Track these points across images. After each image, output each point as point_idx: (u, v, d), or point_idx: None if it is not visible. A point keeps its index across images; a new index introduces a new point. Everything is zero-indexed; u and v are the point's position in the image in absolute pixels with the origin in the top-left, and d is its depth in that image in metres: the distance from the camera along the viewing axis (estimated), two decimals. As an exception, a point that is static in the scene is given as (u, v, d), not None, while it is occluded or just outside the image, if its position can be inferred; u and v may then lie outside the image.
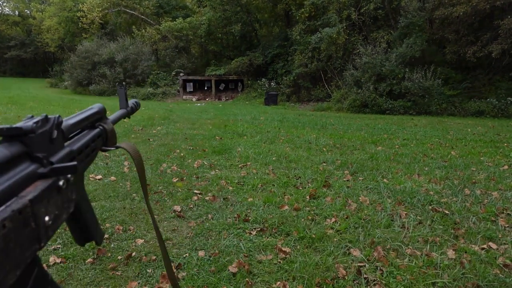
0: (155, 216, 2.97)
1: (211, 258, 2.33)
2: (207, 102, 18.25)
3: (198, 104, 16.48)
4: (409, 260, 2.35)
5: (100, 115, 0.65)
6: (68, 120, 0.53)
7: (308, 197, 3.48)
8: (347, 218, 3.01)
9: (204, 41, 20.55)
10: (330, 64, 15.48)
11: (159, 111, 11.40)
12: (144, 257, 2.33)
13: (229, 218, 2.98)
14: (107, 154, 4.81)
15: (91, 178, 3.89)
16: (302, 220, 2.94)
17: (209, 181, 3.95)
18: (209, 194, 3.53)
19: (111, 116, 0.74)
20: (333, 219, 2.96)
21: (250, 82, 18.92)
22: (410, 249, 2.49)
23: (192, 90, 19.76)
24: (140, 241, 2.54)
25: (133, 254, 2.36)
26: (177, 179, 3.98)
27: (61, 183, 0.40)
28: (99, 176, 3.96)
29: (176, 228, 2.80)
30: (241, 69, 18.34)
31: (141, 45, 21.23)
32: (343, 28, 14.69)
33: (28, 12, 44.60)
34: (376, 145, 6.17)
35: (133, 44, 21.26)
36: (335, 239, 2.62)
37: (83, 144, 0.55)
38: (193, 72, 20.91)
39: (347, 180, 4.07)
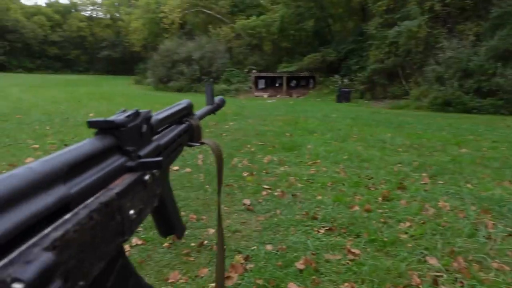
0: (226, 208, 3.09)
1: (278, 253, 2.35)
2: (278, 98, 18.37)
3: (269, 101, 16.67)
4: (496, 274, 2.13)
5: (188, 111, 0.67)
6: (157, 115, 0.54)
7: (380, 198, 3.33)
8: (423, 223, 2.82)
9: (276, 38, 20.72)
10: (409, 60, 14.58)
11: (232, 107, 11.76)
12: (214, 246, 2.43)
13: (297, 214, 2.97)
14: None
15: (169, 169, 4.16)
16: (374, 222, 2.83)
17: (278, 177, 3.99)
18: (278, 189, 3.56)
19: (198, 112, 0.75)
20: (408, 224, 2.80)
21: (322, 79, 18.63)
22: (497, 263, 2.25)
23: (263, 86, 20.09)
24: (211, 231, 2.66)
25: (205, 242, 2.48)
26: (247, 173, 4.08)
27: (147, 177, 0.40)
28: (176, 167, 4.22)
29: (245, 221, 2.88)
30: (313, 66, 18.16)
31: (216, 44, 22.07)
32: (424, 20, 13.70)
33: (117, 15, 49.09)
34: (460, 147, 5.67)
35: (209, 42, 22.18)
36: (409, 245, 2.47)
37: (170, 139, 0.56)
38: (265, 69, 21.21)
39: (425, 183, 3.81)
